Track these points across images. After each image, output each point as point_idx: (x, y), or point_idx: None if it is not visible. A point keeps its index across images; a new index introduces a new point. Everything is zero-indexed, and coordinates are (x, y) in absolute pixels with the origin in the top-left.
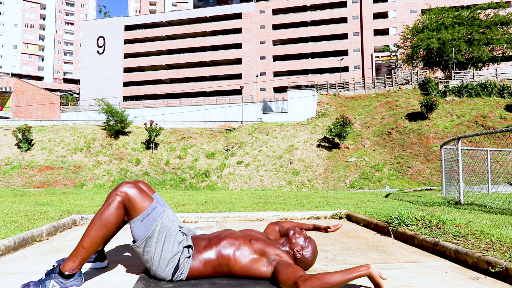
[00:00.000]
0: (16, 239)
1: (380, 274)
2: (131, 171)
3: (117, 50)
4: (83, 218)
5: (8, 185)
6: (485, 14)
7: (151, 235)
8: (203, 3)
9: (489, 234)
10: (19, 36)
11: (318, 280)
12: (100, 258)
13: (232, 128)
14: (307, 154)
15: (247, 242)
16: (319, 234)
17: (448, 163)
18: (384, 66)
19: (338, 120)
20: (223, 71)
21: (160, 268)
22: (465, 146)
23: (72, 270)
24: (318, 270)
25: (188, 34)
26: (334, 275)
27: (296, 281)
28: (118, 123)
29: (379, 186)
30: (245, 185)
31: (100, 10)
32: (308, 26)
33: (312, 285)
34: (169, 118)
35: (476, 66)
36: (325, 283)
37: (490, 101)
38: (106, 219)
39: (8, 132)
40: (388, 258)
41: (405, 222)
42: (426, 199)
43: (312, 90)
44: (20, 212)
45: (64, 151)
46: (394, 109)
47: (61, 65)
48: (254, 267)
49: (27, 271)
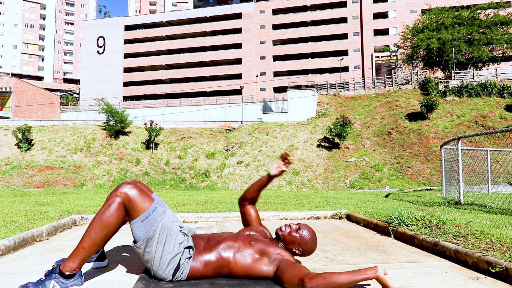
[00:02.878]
0: (16, 239)
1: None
2: (131, 171)
3: (117, 50)
4: (83, 218)
5: (8, 185)
6: (485, 14)
7: (152, 236)
8: (203, 3)
9: (489, 234)
10: (19, 36)
11: (324, 279)
12: (100, 258)
13: (232, 128)
14: (307, 154)
15: (247, 244)
16: (319, 234)
17: (448, 163)
18: (384, 66)
19: (338, 120)
20: (223, 71)
21: (160, 269)
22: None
23: (72, 270)
24: (318, 270)
25: (188, 34)
26: (341, 276)
27: (302, 278)
28: (118, 123)
29: (379, 186)
30: (245, 185)
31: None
32: (308, 26)
33: (318, 283)
34: (169, 118)
35: (476, 66)
36: (331, 283)
37: (490, 101)
38: (106, 220)
39: (8, 132)
40: (388, 258)
41: (405, 222)
42: (426, 199)
43: (312, 90)
44: (20, 212)
45: (64, 151)
46: (394, 109)
47: (61, 65)
48: (256, 266)
49: (27, 271)
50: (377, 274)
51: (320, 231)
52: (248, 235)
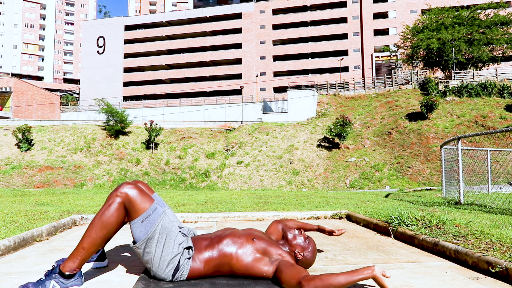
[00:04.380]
0: (16, 239)
1: (383, 273)
2: (131, 171)
3: (117, 50)
4: (83, 218)
5: (8, 185)
6: (485, 14)
7: (151, 236)
8: (203, 3)
9: (489, 234)
10: (19, 36)
11: (322, 281)
12: (100, 258)
13: (232, 128)
14: (307, 154)
15: (250, 241)
16: (319, 233)
17: (448, 163)
18: (384, 66)
19: (338, 120)
20: (223, 71)
21: (160, 269)
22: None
23: (72, 270)
24: (318, 270)
25: (188, 34)
26: (338, 277)
27: (300, 281)
28: (118, 123)
29: (379, 186)
30: (245, 185)
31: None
32: (308, 26)
33: (316, 285)
34: (169, 118)
35: (476, 66)
36: (329, 284)
37: (490, 101)
38: (106, 220)
39: (8, 132)
40: (388, 258)
41: (405, 222)
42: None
43: (312, 90)
44: (20, 212)
45: (64, 151)
46: (394, 109)
47: (61, 65)
48: (256, 266)
49: (27, 271)
50: (373, 273)
51: None
52: (251, 233)
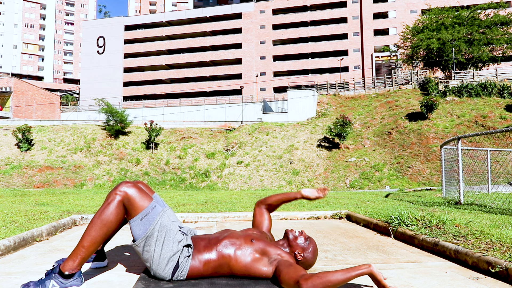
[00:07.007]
0: (16, 239)
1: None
2: (131, 171)
3: (117, 50)
4: (83, 218)
5: (8, 185)
6: (485, 14)
7: (150, 234)
8: (203, 3)
9: (489, 234)
10: (19, 36)
11: (320, 279)
12: (100, 258)
13: (232, 128)
14: (307, 154)
15: (248, 242)
16: (319, 234)
17: (448, 163)
18: (384, 66)
19: (338, 120)
20: (223, 71)
21: (160, 267)
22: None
23: (72, 270)
24: (318, 270)
25: (188, 34)
26: (335, 274)
27: (298, 280)
28: (118, 123)
29: (379, 186)
30: (245, 185)
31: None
32: (308, 26)
33: (314, 283)
34: (169, 118)
35: (476, 66)
36: (327, 282)
37: (490, 101)
38: (106, 218)
39: (8, 132)
40: (388, 258)
41: (405, 222)
42: (426, 199)
43: (312, 90)
44: (20, 212)
45: (64, 151)
46: (394, 109)
47: (61, 65)
48: (255, 266)
49: (27, 271)
50: (370, 269)
51: (320, 231)
52: (249, 234)
